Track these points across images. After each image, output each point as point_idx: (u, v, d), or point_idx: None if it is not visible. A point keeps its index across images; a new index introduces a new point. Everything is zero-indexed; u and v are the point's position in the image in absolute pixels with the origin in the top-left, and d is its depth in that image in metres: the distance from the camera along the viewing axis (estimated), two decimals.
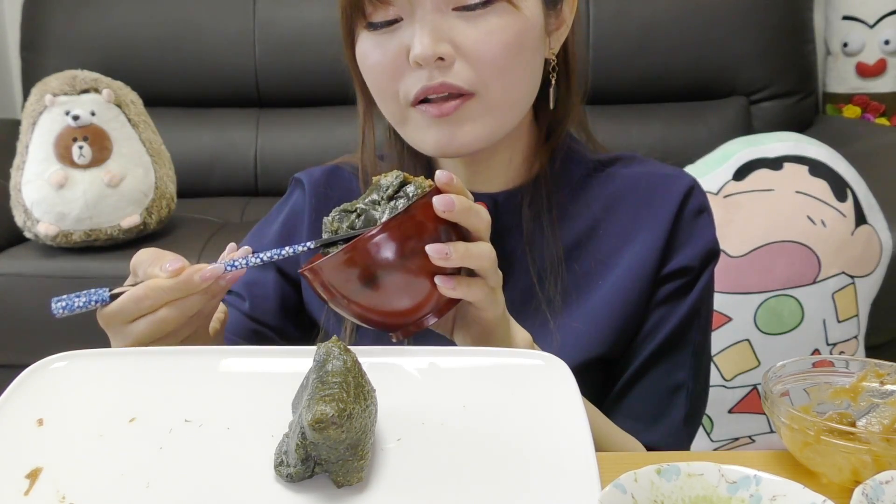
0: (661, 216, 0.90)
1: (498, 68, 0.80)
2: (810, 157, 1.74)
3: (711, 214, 0.93)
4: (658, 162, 0.97)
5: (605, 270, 0.89)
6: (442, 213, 0.65)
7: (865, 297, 1.76)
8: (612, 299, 0.88)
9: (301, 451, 0.56)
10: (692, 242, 0.90)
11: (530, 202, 0.90)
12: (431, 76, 0.79)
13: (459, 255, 0.65)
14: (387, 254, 0.64)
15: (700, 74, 2.50)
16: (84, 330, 2.18)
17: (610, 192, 0.92)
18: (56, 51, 2.61)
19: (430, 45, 0.78)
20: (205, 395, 0.65)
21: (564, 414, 0.62)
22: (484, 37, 0.79)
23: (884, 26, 2.58)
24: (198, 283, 0.68)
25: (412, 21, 0.79)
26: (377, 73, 0.83)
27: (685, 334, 0.91)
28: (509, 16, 0.80)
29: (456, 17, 0.79)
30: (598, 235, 0.90)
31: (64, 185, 2.00)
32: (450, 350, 0.70)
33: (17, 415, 0.62)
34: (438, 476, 0.58)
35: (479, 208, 0.68)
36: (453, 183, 0.67)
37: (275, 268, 0.95)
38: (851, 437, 0.62)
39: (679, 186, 0.91)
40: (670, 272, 0.89)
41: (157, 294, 0.68)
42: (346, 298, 0.67)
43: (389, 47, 0.81)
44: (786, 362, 0.71)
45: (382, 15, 0.80)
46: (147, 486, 0.57)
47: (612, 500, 0.51)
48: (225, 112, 2.65)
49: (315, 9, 2.61)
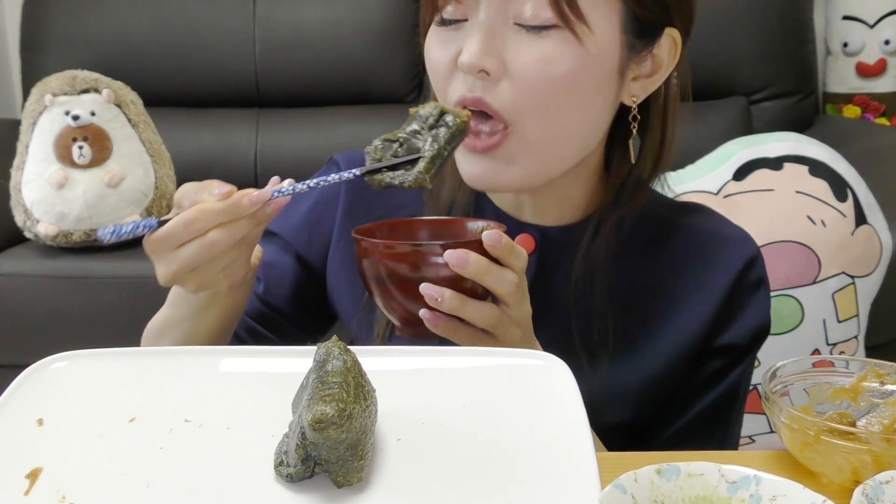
0: (717, 283, 0.85)
1: (539, 101, 0.75)
2: (810, 157, 1.73)
3: (769, 288, 0.88)
4: (721, 217, 0.91)
5: (650, 330, 0.85)
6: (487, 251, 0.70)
7: (865, 297, 1.76)
8: (650, 365, 0.85)
9: (301, 451, 0.56)
10: (744, 318, 0.86)
11: (587, 243, 0.85)
12: (473, 87, 0.76)
13: (448, 306, 0.69)
14: (433, 266, 0.69)
15: (700, 74, 2.48)
16: (84, 330, 2.19)
17: (669, 246, 0.87)
18: (56, 51, 2.61)
19: (477, 55, 0.74)
20: (205, 395, 0.65)
21: (564, 414, 0.62)
22: (533, 63, 0.74)
23: (884, 26, 2.58)
24: (246, 206, 0.69)
25: (473, 25, 0.75)
26: (434, 70, 0.80)
27: (721, 413, 0.88)
28: (567, 47, 0.73)
29: (516, 31, 0.74)
30: (649, 290, 0.86)
31: (64, 185, 2.00)
32: (450, 350, 0.70)
33: (17, 415, 0.62)
34: (438, 476, 0.58)
35: (519, 251, 0.71)
36: (499, 245, 0.69)
37: (294, 255, 0.93)
38: (851, 437, 0.62)
39: (741, 254, 0.86)
40: (717, 347, 0.85)
41: (207, 216, 0.68)
42: (383, 278, 0.71)
43: (448, 46, 0.78)
44: (786, 362, 0.71)
45: (452, 11, 0.77)
46: (147, 486, 0.57)
47: (612, 500, 0.51)
48: (225, 112, 2.65)
49: (315, 9, 2.61)
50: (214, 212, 0.68)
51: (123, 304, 1.96)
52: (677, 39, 0.80)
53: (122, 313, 1.96)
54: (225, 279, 0.72)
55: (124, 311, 1.96)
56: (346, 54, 2.56)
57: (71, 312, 1.99)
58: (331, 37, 2.58)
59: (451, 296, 0.69)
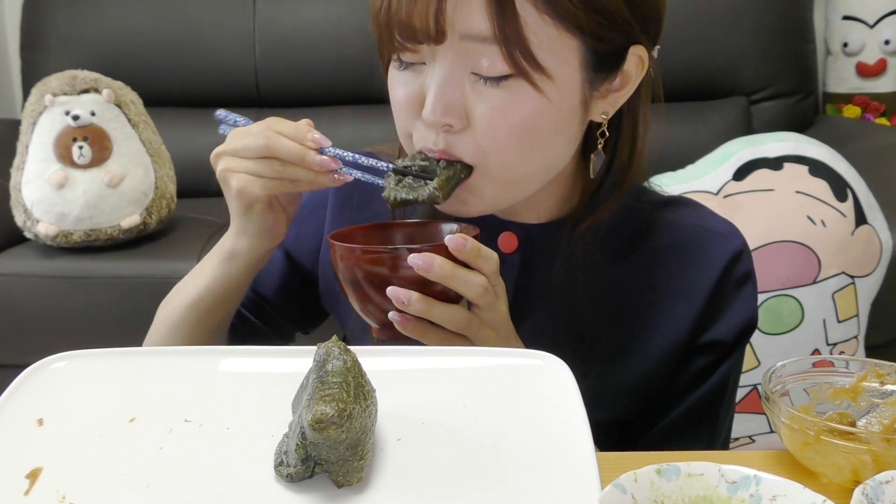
0: (702, 279, 0.85)
1: (501, 147, 0.75)
2: (810, 157, 1.73)
3: (756, 282, 0.88)
4: (707, 210, 0.90)
5: (635, 326, 0.85)
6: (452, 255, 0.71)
7: (865, 297, 1.76)
8: (636, 362, 0.85)
9: (301, 451, 0.56)
10: (731, 314, 0.85)
11: (567, 238, 0.84)
12: (436, 141, 0.76)
13: (415, 309, 0.70)
14: (403, 270, 0.71)
15: (700, 74, 2.50)
16: (84, 330, 2.19)
17: (653, 241, 0.87)
18: (56, 51, 2.61)
19: (439, 113, 0.74)
20: (205, 395, 0.65)
21: (564, 414, 0.62)
22: (492, 113, 0.73)
23: (884, 26, 2.58)
24: (309, 138, 0.77)
25: (432, 72, 0.75)
26: (397, 110, 0.80)
27: (708, 410, 0.88)
28: (524, 95, 0.73)
29: (473, 81, 0.74)
30: (634, 286, 0.86)
31: (64, 185, 2.00)
32: (450, 350, 0.70)
33: (17, 415, 0.62)
34: (438, 476, 0.58)
35: (487, 255, 0.72)
36: (464, 249, 0.70)
37: (283, 249, 0.95)
38: (851, 437, 0.62)
39: (726, 249, 0.85)
40: (703, 343, 0.85)
41: (278, 124, 0.78)
42: (358, 282, 0.73)
43: (410, 88, 0.77)
44: (786, 362, 0.71)
45: (409, 56, 0.76)
46: (147, 486, 0.57)
47: (612, 500, 0.51)
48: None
49: (315, 8, 2.61)
50: (286, 123, 0.78)
51: (123, 304, 1.96)
52: (643, 56, 0.78)
53: (122, 313, 1.96)
54: (256, 189, 0.77)
55: (124, 311, 1.96)
56: (346, 54, 2.56)
57: (71, 312, 1.99)
58: (331, 37, 2.58)
59: (418, 298, 0.70)
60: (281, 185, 0.78)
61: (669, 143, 2.42)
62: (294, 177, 0.77)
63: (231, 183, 0.78)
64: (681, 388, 0.87)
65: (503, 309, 0.74)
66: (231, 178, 0.78)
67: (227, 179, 0.78)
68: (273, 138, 0.76)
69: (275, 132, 0.77)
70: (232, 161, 0.78)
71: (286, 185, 0.78)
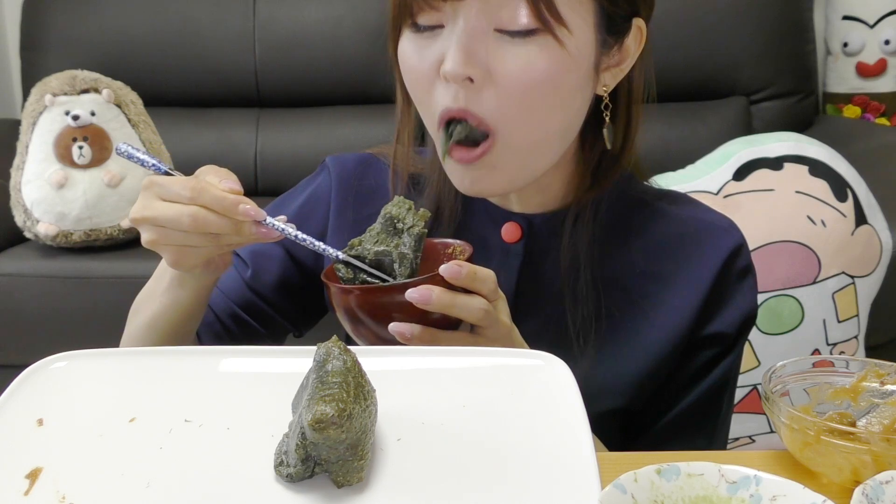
0: (704, 271, 0.85)
1: (525, 105, 0.76)
2: (810, 157, 1.73)
3: (755, 276, 0.89)
4: (707, 206, 0.92)
5: (638, 316, 0.86)
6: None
7: (865, 297, 1.76)
8: (640, 352, 0.85)
9: (301, 451, 0.56)
10: (732, 307, 0.86)
11: (570, 228, 0.86)
12: (457, 98, 0.76)
13: (420, 342, 0.69)
14: (399, 303, 0.70)
15: (700, 74, 2.50)
16: (84, 330, 2.19)
17: (654, 231, 0.88)
18: (56, 51, 2.61)
19: (461, 64, 0.74)
20: (205, 395, 0.65)
21: (564, 414, 0.62)
22: (517, 68, 0.74)
23: (884, 26, 2.58)
24: (239, 212, 0.71)
25: (452, 31, 0.75)
26: (412, 78, 0.80)
27: (712, 402, 0.88)
28: (551, 51, 0.74)
29: (497, 38, 0.74)
30: (636, 276, 0.87)
31: (64, 185, 2.00)
32: (450, 350, 0.70)
33: (17, 415, 0.62)
34: (438, 476, 0.58)
35: (484, 275, 0.71)
36: (461, 276, 0.69)
37: (284, 248, 0.94)
38: (851, 437, 0.62)
39: (727, 242, 0.87)
40: (705, 336, 0.86)
41: (203, 195, 0.70)
42: (356, 317, 0.72)
43: (427, 53, 0.77)
44: (786, 362, 0.71)
45: (427, 18, 0.76)
46: (147, 486, 0.57)
47: (612, 500, 0.51)
48: (225, 112, 2.64)
49: (315, 9, 2.60)
50: (211, 195, 0.70)
51: (123, 304, 1.95)
52: (642, 28, 0.82)
53: (122, 313, 1.95)
54: (190, 259, 0.74)
55: (124, 311, 1.95)
56: (346, 54, 2.56)
57: (71, 312, 1.99)
58: (331, 37, 2.58)
59: (422, 331, 0.70)
60: (218, 248, 0.75)
61: (669, 143, 2.44)
62: (227, 242, 0.74)
63: (164, 255, 0.75)
64: (685, 382, 0.87)
65: (506, 322, 0.74)
66: (162, 250, 0.74)
67: (159, 251, 0.75)
68: (201, 216, 0.70)
69: (199, 207, 0.71)
70: (159, 233, 0.72)
71: (221, 248, 0.75)
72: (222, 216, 0.71)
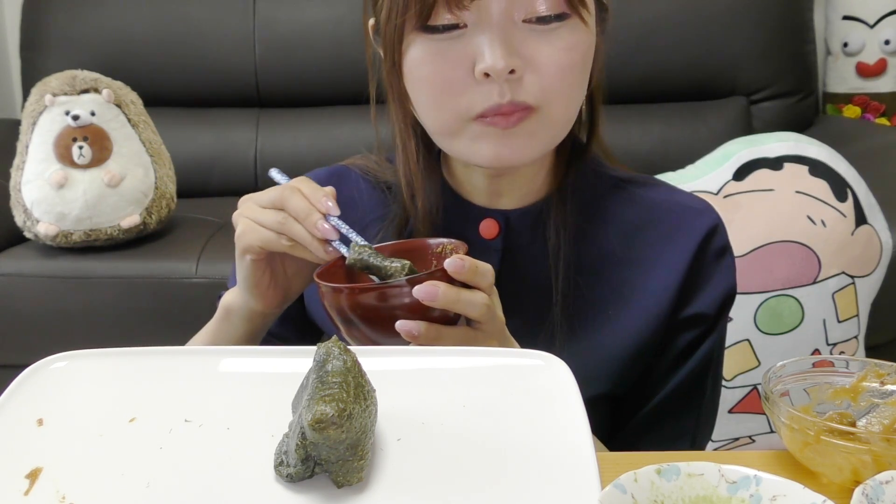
0: (681, 253, 0.86)
1: (566, 85, 0.78)
2: (810, 157, 1.74)
3: (733, 255, 0.90)
4: (680, 189, 0.93)
5: (618, 301, 0.86)
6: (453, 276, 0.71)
7: (865, 297, 1.76)
8: (622, 337, 0.86)
9: (301, 451, 0.56)
10: (711, 286, 0.87)
11: (545, 220, 0.87)
12: (502, 92, 0.75)
13: (425, 339, 0.70)
14: (401, 301, 0.70)
15: (700, 74, 2.50)
16: (84, 330, 2.19)
17: (629, 216, 0.89)
18: (56, 51, 2.61)
19: (503, 57, 0.74)
20: (205, 395, 0.65)
21: (564, 414, 0.62)
22: (557, 52, 0.76)
23: (884, 26, 2.58)
24: (317, 231, 0.75)
25: (479, 30, 0.74)
26: (434, 84, 0.78)
27: (697, 383, 0.89)
28: (580, 33, 0.78)
29: (526, 29, 0.76)
30: (614, 262, 0.87)
31: (64, 185, 2.00)
32: (450, 350, 0.70)
33: (17, 415, 0.62)
34: (438, 476, 0.58)
35: (484, 269, 0.71)
36: (464, 270, 0.70)
37: None
38: (851, 437, 0.62)
39: (703, 223, 0.87)
40: (686, 317, 0.86)
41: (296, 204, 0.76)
42: (350, 321, 0.72)
43: (451, 56, 0.76)
44: (786, 362, 0.71)
45: (449, 18, 0.74)
46: (147, 486, 0.57)
47: (612, 500, 0.51)
48: (225, 112, 2.64)
49: (315, 9, 2.61)
50: (311, 186, 0.77)
51: (123, 304, 1.96)
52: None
53: (122, 313, 1.96)
54: (256, 240, 0.77)
55: (124, 311, 1.96)
56: (346, 54, 2.56)
57: (71, 312, 1.99)
58: (331, 37, 2.58)
59: (428, 328, 0.70)
60: (277, 240, 0.76)
61: (669, 143, 2.44)
62: (292, 234, 0.76)
63: (236, 226, 0.79)
64: (669, 365, 0.88)
65: (501, 316, 0.74)
66: (238, 221, 0.79)
67: (235, 222, 0.79)
68: (288, 191, 0.76)
69: (293, 188, 0.77)
70: (246, 207, 0.79)
71: (282, 243, 0.76)
72: (304, 199, 0.76)
